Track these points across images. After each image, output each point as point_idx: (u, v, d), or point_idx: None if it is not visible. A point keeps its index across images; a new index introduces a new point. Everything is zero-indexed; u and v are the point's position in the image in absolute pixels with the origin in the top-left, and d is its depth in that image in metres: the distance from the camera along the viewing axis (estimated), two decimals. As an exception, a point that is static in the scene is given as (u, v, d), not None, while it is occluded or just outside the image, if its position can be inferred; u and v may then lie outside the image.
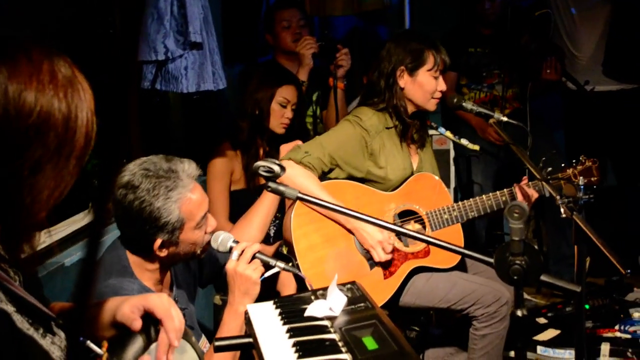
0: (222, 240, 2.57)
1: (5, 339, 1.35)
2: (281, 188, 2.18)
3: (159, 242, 2.40)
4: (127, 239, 2.49)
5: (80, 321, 0.94)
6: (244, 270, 2.47)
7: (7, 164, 1.32)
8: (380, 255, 3.23)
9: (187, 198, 2.40)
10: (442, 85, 3.44)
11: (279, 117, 3.76)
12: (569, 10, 5.24)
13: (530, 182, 3.45)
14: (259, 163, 2.21)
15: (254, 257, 2.51)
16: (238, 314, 2.46)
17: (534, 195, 3.41)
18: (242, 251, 2.52)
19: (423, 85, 3.41)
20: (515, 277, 1.73)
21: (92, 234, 0.91)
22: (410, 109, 3.47)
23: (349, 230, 3.28)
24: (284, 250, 3.54)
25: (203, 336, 2.71)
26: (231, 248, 2.55)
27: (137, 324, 1.73)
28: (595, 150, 5.15)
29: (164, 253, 2.44)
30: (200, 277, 2.87)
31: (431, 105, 3.47)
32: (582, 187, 3.03)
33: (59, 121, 1.36)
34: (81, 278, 0.89)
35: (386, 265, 3.30)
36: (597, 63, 5.23)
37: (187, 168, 2.44)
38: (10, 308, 1.38)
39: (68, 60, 1.42)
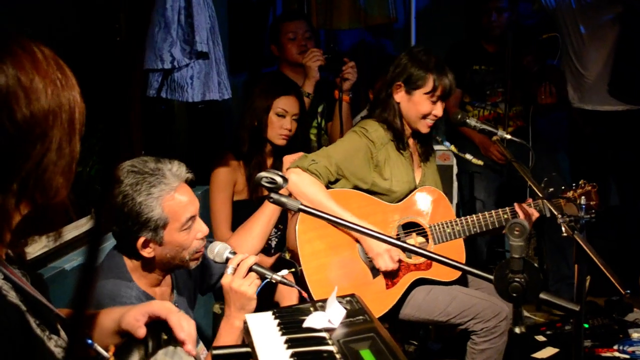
0: (218, 251, 2.54)
1: (18, 335, 1.36)
2: (283, 199, 2.18)
3: (142, 240, 2.39)
4: (116, 238, 2.48)
5: (79, 326, 0.95)
6: (239, 287, 2.43)
7: (38, 149, 1.36)
8: (386, 264, 3.24)
9: (170, 196, 2.39)
10: (437, 111, 3.42)
11: (277, 128, 3.74)
12: (577, 28, 5.24)
13: (532, 202, 3.45)
14: (262, 174, 2.21)
15: (250, 270, 2.47)
16: (234, 328, 2.44)
17: (535, 214, 3.42)
18: (238, 265, 2.48)
19: (417, 105, 3.41)
20: (514, 295, 1.73)
21: (93, 239, 0.91)
22: (405, 127, 3.48)
23: (355, 238, 3.29)
24: (287, 256, 3.55)
25: (201, 342, 2.71)
26: (228, 259, 2.52)
27: (142, 332, 1.74)
28: (600, 170, 5.16)
29: (149, 253, 2.42)
30: (202, 284, 2.86)
31: (422, 126, 3.46)
32: (583, 206, 3.03)
33: (65, 104, 1.41)
34: (80, 283, 0.89)
35: (389, 275, 3.31)
36: (604, 82, 5.22)
37: (175, 169, 2.45)
38: (22, 307, 1.40)
39: (42, 42, 1.47)
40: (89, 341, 1.59)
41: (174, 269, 2.57)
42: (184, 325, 1.81)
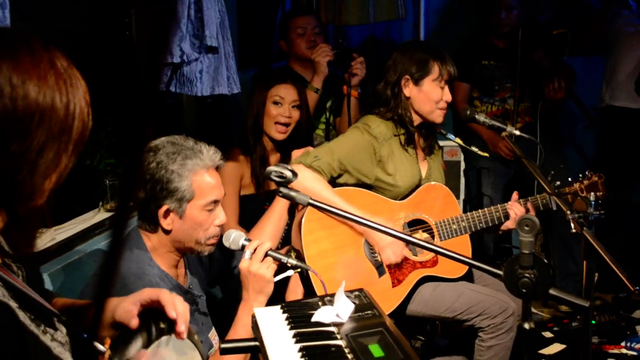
0: (234, 238, 2.59)
1: (9, 334, 1.36)
2: (292, 193, 2.19)
3: (164, 208, 2.44)
4: (139, 207, 2.52)
5: (98, 319, 0.95)
6: (258, 270, 2.49)
7: (15, 146, 1.35)
8: (389, 257, 3.24)
9: (201, 172, 2.46)
10: (447, 96, 3.45)
11: (275, 117, 3.75)
12: (622, 25, 5.23)
13: (538, 195, 3.45)
14: (271, 168, 2.22)
15: (266, 255, 2.53)
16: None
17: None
18: (254, 250, 2.54)
19: (428, 94, 3.42)
20: (523, 290, 1.73)
21: (114, 232, 0.91)
22: (417, 120, 3.48)
23: (360, 237, 3.29)
24: (293, 255, 3.54)
25: (213, 328, 2.73)
26: (243, 246, 2.58)
27: (135, 322, 1.73)
28: (625, 168, 5.14)
29: (168, 224, 2.47)
30: (209, 274, 2.89)
31: (436, 117, 3.47)
32: (592, 202, 3.02)
33: (59, 109, 1.39)
34: (103, 271, 0.89)
35: (394, 274, 3.30)
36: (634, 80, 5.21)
37: (212, 152, 2.53)
38: (13, 304, 1.39)
39: (62, 52, 1.46)
40: (84, 335, 1.59)
41: (188, 252, 2.59)
42: (177, 305, 1.81)
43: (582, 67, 5.56)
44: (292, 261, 2.55)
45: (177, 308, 1.80)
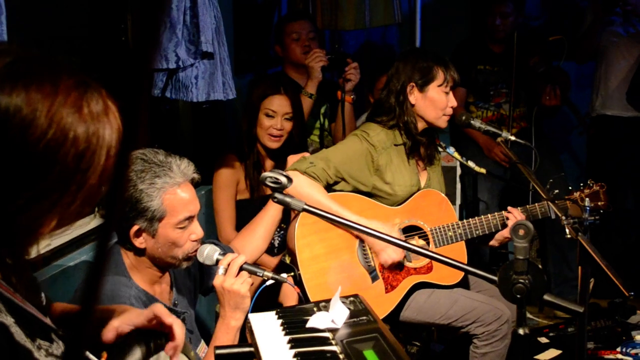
0: (207, 253, 2.52)
1: (2, 353, 1.33)
2: (287, 199, 2.19)
3: (135, 228, 2.38)
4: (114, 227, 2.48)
5: (84, 329, 0.93)
6: (232, 286, 2.42)
7: (4, 187, 1.26)
8: (391, 256, 3.23)
9: (172, 190, 2.39)
10: (453, 101, 3.45)
11: (267, 128, 3.75)
12: (610, 35, 5.23)
13: (537, 204, 3.45)
14: (266, 174, 2.22)
15: (241, 269, 2.46)
16: (230, 327, 2.43)
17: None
18: (229, 265, 2.47)
19: (434, 101, 3.42)
20: (518, 296, 1.73)
21: (100, 239, 0.90)
22: (421, 126, 3.47)
23: (353, 242, 3.28)
24: (287, 259, 3.54)
25: (202, 341, 2.71)
26: (218, 261, 2.50)
27: (108, 336, 1.67)
28: (617, 174, 5.15)
29: (140, 243, 2.41)
30: (202, 284, 2.86)
31: (442, 122, 3.47)
32: (587, 208, 3.03)
33: (70, 156, 1.28)
34: (87, 284, 0.88)
35: (388, 279, 3.30)
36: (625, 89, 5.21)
37: (183, 166, 2.45)
38: (9, 320, 1.36)
39: (103, 94, 1.36)
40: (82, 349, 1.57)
41: (168, 267, 2.54)
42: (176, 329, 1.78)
43: (577, 72, 5.57)
44: (268, 274, 2.47)
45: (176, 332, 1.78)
